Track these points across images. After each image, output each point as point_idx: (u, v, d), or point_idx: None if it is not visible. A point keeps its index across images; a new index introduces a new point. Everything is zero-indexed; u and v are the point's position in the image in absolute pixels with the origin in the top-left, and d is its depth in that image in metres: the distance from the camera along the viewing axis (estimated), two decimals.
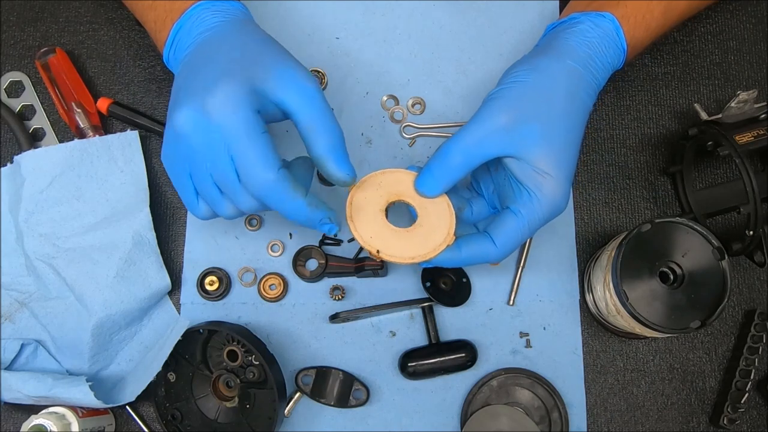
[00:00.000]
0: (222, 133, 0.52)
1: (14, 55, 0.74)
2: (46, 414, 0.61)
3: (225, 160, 0.52)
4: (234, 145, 0.52)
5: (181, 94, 0.55)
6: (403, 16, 0.75)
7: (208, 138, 0.53)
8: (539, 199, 0.56)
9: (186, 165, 0.54)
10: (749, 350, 0.68)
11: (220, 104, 0.52)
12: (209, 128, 0.52)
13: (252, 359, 0.63)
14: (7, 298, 0.67)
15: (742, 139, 0.63)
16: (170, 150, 0.55)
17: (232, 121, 0.52)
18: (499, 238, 0.57)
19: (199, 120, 0.53)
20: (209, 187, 0.54)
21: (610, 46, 0.60)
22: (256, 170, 0.52)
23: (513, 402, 0.67)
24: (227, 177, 0.53)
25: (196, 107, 0.53)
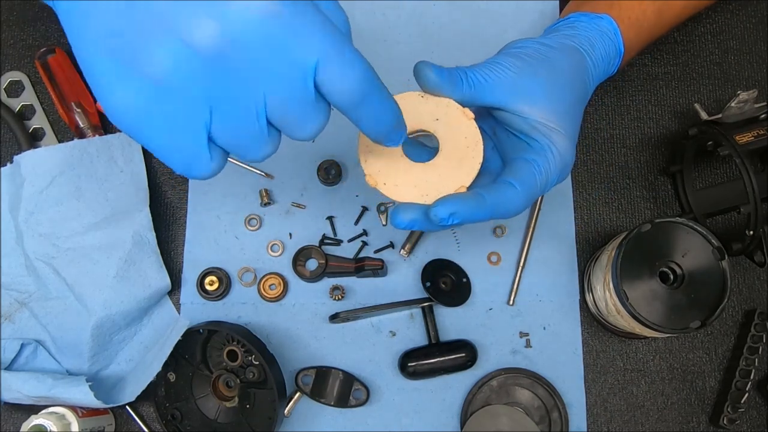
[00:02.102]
0: (290, 31, 0.37)
1: (14, 55, 0.74)
2: (46, 414, 0.60)
3: (301, 74, 0.38)
4: (321, 42, 0.38)
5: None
6: (403, 16, 0.75)
7: (272, 49, 0.37)
8: (551, 149, 0.53)
9: (199, 102, 0.38)
10: (749, 350, 0.68)
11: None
12: (275, 33, 0.36)
13: (252, 359, 0.63)
14: (7, 298, 0.67)
15: (742, 139, 0.63)
16: (157, 95, 0.37)
17: (302, 10, 0.37)
18: (518, 181, 0.52)
19: (258, 24, 0.36)
20: (249, 122, 0.39)
21: (609, 45, 0.60)
22: (352, 71, 0.39)
23: (513, 402, 0.67)
24: (299, 98, 0.39)
25: (219, 10, 0.35)
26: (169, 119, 0.38)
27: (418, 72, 0.51)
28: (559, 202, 0.72)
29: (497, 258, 0.70)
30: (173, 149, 0.39)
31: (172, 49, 0.36)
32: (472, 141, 0.52)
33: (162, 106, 0.38)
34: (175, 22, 0.36)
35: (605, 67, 0.60)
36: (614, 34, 0.60)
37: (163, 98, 0.37)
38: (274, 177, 0.72)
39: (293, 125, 0.40)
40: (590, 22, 0.60)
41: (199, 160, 0.40)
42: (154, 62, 0.36)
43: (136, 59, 0.36)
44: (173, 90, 0.37)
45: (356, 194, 0.71)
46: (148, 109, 0.38)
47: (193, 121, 0.38)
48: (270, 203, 0.71)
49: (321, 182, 0.71)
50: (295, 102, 0.39)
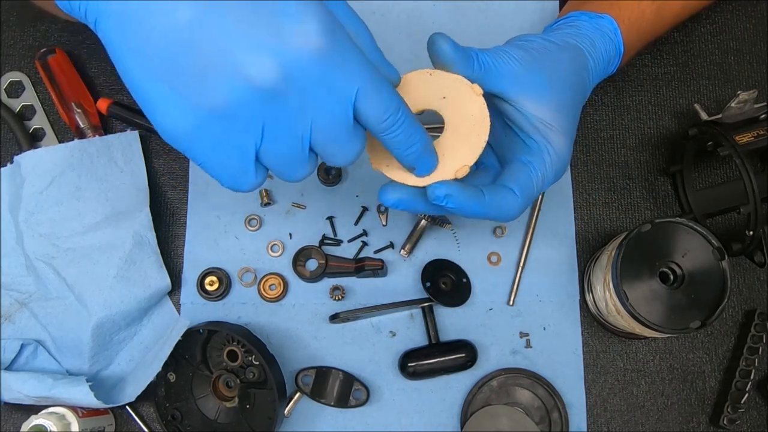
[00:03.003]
0: (335, 67, 0.41)
1: (14, 55, 0.74)
2: (46, 414, 0.60)
3: (343, 103, 0.42)
4: (361, 75, 0.42)
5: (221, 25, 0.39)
6: (403, 16, 0.75)
7: (320, 82, 0.41)
8: (548, 149, 0.54)
9: (252, 129, 0.41)
10: (749, 350, 0.68)
11: (313, 29, 0.40)
12: (324, 68, 0.40)
13: (252, 359, 0.63)
14: (7, 298, 0.67)
15: (742, 139, 0.63)
16: (214, 122, 0.40)
17: (341, 47, 0.41)
18: (518, 186, 0.53)
19: (307, 61, 0.40)
20: (293, 150, 0.43)
21: (609, 45, 0.60)
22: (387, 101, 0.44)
23: (513, 402, 0.67)
24: (341, 125, 0.43)
25: (277, 50, 0.39)
26: (223, 142, 0.41)
27: (433, 43, 0.51)
28: (559, 202, 0.72)
29: (497, 258, 0.70)
30: (223, 168, 0.43)
31: (232, 84, 0.39)
32: (479, 118, 0.51)
33: (216, 131, 0.41)
34: (235, 59, 0.39)
35: (605, 66, 0.60)
36: (614, 33, 0.60)
37: (218, 125, 0.40)
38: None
39: (333, 150, 0.44)
40: (591, 22, 0.60)
41: (246, 177, 0.44)
42: (213, 94, 0.39)
43: (194, 89, 0.39)
44: (229, 118, 0.40)
45: (356, 194, 0.71)
46: (202, 133, 0.41)
47: (244, 144, 0.42)
48: (270, 203, 0.71)
49: (321, 182, 0.71)
50: (337, 128, 0.43)
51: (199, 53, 0.39)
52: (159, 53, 0.39)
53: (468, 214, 0.52)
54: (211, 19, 0.39)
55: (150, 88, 0.40)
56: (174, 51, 0.39)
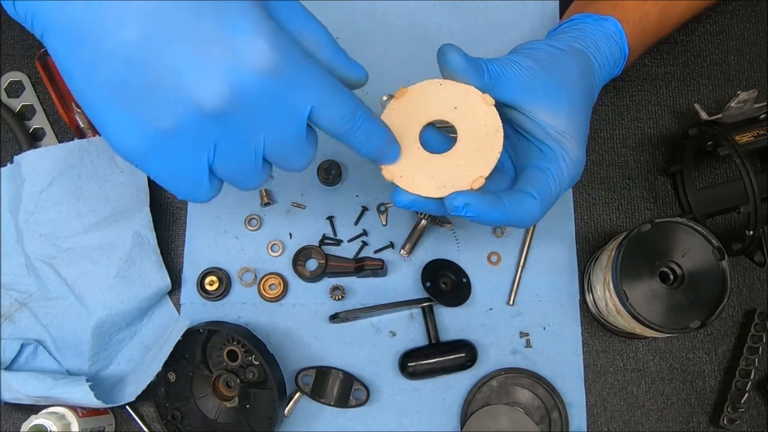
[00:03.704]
0: (288, 85, 0.40)
1: (14, 55, 0.74)
2: (46, 414, 0.60)
3: (297, 120, 0.42)
4: (318, 94, 0.42)
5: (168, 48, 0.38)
6: (403, 16, 0.75)
7: (272, 101, 0.40)
8: (563, 156, 0.53)
9: (204, 146, 0.41)
10: (749, 350, 0.68)
11: (262, 48, 0.39)
12: (275, 88, 0.40)
13: (252, 359, 0.63)
14: (7, 298, 0.67)
15: (742, 139, 0.63)
16: (165, 141, 0.40)
17: (293, 63, 0.40)
18: (536, 191, 0.52)
19: (257, 81, 0.39)
20: (248, 161, 0.43)
21: (614, 47, 0.60)
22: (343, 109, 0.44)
23: (513, 402, 0.67)
24: (294, 139, 0.43)
25: (224, 71, 0.38)
26: (175, 160, 0.41)
27: (443, 54, 0.51)
28: (559, 202, 0.71)
29: (497, 258, 0.70)
30: (177, 181, 0.43)
31: (180, 106, 0.39)
32: (492, 129, 0.51)
33: (168, 150, 0.41)
34: (182, 81, 0.38)
35: (610, 69, 0.60)
36: (619, 36, 0.60)
37: (169, 143, 0.40)
38: (274, 177, 0.72)
39: (286, 161, 0.45)
40: (595, 24, 0.60)
41: (200, 189, 0.44)
42: (162, 115, 0.39)
43: (144, 110, 0.39)
44: (180, 137, 0.40)
45: (356, 194, 0.71)
46: (154, 151, 0.41)
47: (197, 160, 0.42)
48: (270, 203, 0.71)
49: (321, 182, 0.71)
50: (290, 142, 0.43)
51: (147, 74, 0.38)
52: (107, 73, 0.38)
53: (488, 222, 0.51)
54: (157, 40, 0.38)
55: (99, 107, 0.40)
56: (122, 71, 0.38)
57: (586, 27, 0.60)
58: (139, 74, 0.38)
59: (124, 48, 0.38)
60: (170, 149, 0.41)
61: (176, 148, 0.41)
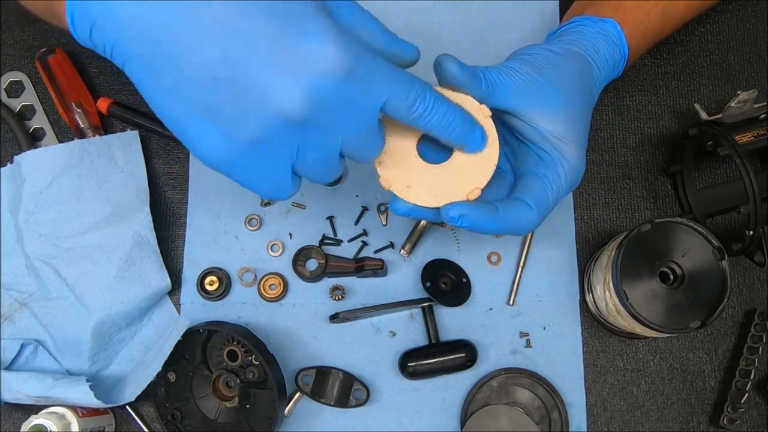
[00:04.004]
0: (362, 84, 0.42)
1: (14, 55, 0.74)
2: (46, 414, 0.61)
3: (371, 115, 0.44)
4: (389, 90, 0.44)
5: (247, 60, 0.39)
6: (403, 16, 0.75)
7: (347, 101, 0.42)
8: (562, 162, 0.54)
9: (288, 151, 0.43)
10: (749, 350, 0.68)
11: (333, 52, 0.40)
12: (349, 88, 0.42)
13: (252, 359, 0.63)
14: (7, 298, 0.67)
15: (742, 139, 0.63)
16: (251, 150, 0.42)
17: (363, 62, 0.42)
18: (532, 200, 0.53)
19: (322, 88, 0.40)
20: (328, 159, 0.45)
21: (613, 49, 0.60)
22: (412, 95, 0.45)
23: (513, 402, 0.67)
24: (369, 132, 0.45)
25: (301, 78, 0.40)
26: (261, 164, 0.43)
27: (439, 65, 0.51)
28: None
29: (497, 258, 0.70)
30: (262, 184, 0.45)
31: (263, 115, 0.41)
32: (489, 140, 0.51)
33: (254, 156, 0.43)
34: (263, 90, 0.40)
35: (610, 71, 0.60)
36: (618, 37, 0.60)
37: (255, 151, 0.42)
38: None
39: (361, 153, 0.46)
40: (594, 26, 0.59)
41: (284, 189, 0.46)
42: (247, 125, 0.41)
43: (230, 122, 0.41)
44: (265, 144, 0.42)
45: (356, 194, 0.71)
46: (241, 158, 0.43)
47: (281, 163, 0.44)
48: (270, 203, 0.71)
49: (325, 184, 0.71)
50: (365, 136, 0.45)
51: (230, 88, 0.40)
52: (190, 92, 0.40)
53: (483, 231, 0.52)
54: (236, 54, 0.39)
55: (187, 123, 0.42)
56: (205, 88, 0.40)
57: (585, 29, 0.59)
58: (222, 89, 0.40)
59: (206, 66, 0.39)
60: (256, 156, 0.43)
61: (262, 155, 0.43)
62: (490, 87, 0.52)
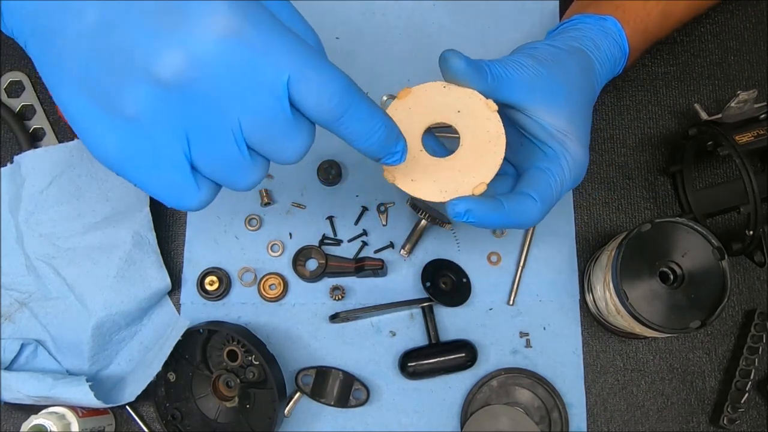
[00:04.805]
0: (255, 50, 0.36)
1: (14, 55, 0.74)
2: (46, 414, 0.61)
3: (271, 93, 0.37)
4: (291, 59, 0.37)
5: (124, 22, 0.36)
6: (402, 16, 0.75)
7: (239, 71, 0.36)
8: (565, 156, 0.54)
9: (176, 135, 0.38)
10: (749, 350, 0.68)
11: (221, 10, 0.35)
12: (240, 55, 0.36)
13: (252, 359, 0.63)
14: (7, 298, 0.67)
15: (742, 139, 0.63)
16: (133, 133, 0.37)
17: (259, 26, 0.36)
18: (536, 192, 0.53)
19: (204, 50, 0.35)
20: (228, 149, 0.39)
21: (613, 46, 0.60)
22: (329, 86, 0.38)
23: (513, 402, 0.67)
24: (274, 118, 0.38)
25: (206, 32, 0.35)
26: (150, 155, 0.38)
27: (445, 60, 0.50)
28: (559, 202, 0.71)
29: (497, 258, 0.70)
30: (160, 185, 0.40)
31: (141, 88, 0.36)
32: (494, 134, 0.50)
33: (141, 144, 0.38)
34: (141, 56, 0.35)
35: (611, 67, 0.60)
36: (618, 35, 0.60)
37: (140, 135, 0.37)
38: (274, 177, 0.72)
39: (274, 148, 0.40)
40: (594, 23, 0.60)
41: (187, 192, 0.40)
42: (126, 100, 0.36)
43: (110, 99, 0.37)
44: (148, 125, 0.37)
45: (356, 194, 0.71)
46: (128, 148, 0.38)
47: (172, 153, 0.38)
48: (270, 203, 0.71)
49: (321, 182, 0.71)
50: (271, 123, 0.38)
51: (106, 55, 0.36)
52: (75, 62, 0.37)
53: (489, 226, 0.51)
54: (117, 17, 0.36)
55: (73, 105, 0.38)
56: (85, 58, 0.37)
57: (585, 27, 0.60)
58: (99, 57, 0.36)
59: (85, 33, 0.36)
60: (143, 142, 0.38)
61: (147, 139, 0.38)
62: (496, 81, 0.52)
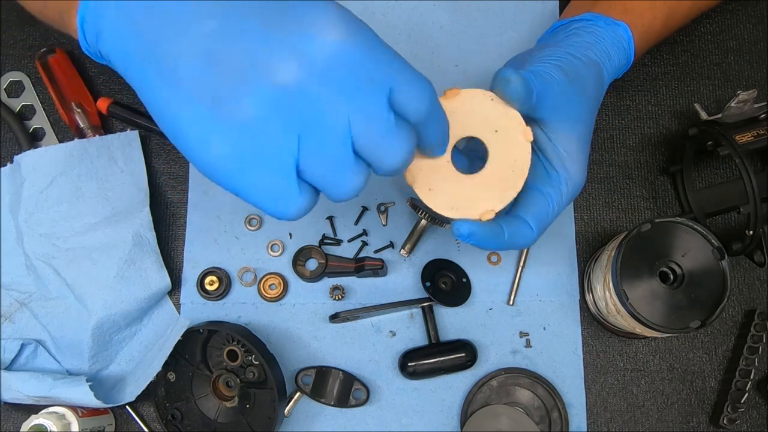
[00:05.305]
0: (366, 55, 0.39)
1: (14, 55, 0.74)
2: (46, 414, 0.61)
3: (380, 96, 0.40)
4: (395, 67, 0.40)
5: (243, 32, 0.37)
6: (403, 16, 0.75)
7: (352, 73, 0.39)
8: (567, 182, 0.54)
9: (288, 137, 0.39)
10: (749, 350, 0.68)
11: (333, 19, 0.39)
12: (353, 57, 0.39)
13: (252, 359, 0.63)
14: (7, 298, 0.67)
15: (742, 139, 0.63)
16: (247, 138, 0.39)
17: (367, 37, 0.40)
18: (534, 220, 0.54)
19: (337, 55, 0.38)
20: (336, 150, 0.40)
21: (622, 56, 0.60)
22: (424, 92, 0.42)
23: (513, 402, 0.67)
24: (380, 121, 0.40)
25: (299, 47, 0.37)
26: (259, 159, 0.39)
27: (504, 79, 0.50)
28: None
29: (497, 258, 0.70)
30: (263, 190, 0.40)
31: (259, 92, 0.37)
32: (519, 167, 0.50)
33: (251, 148, 0.39)
34: (258, 62, 0.37)
35: (614, 75, 0.60)
36: (628, 44, 0.60)
37: (252, 139, 0.38)
38: None
39: (378, 152, 0.41)
40: (607, 30, 0.59)
41: (289, 197, 0.41)
42: (243, 106, 0.37)
43: (224, 106, 0.38)
44: (263, 128, 0.38)
45: None
46: (238, 153, 0.39)
47: (281, 156, 0.39)
48: None
49: None
50: (377, 123, 0.40)
51: (223, 62, 0.38)
52: (187, 73, 0.38)
53: (487, 249, 0.55)
54: (232, 26, 0.38)
55: (185, 112, 0.39)
56: (203, 66, 0.38)
57: (599, 31, 0.59)
58: (216, 64, 0.38)
59: (201, 42, 0.37)
60: (255, 146, 0.39)
61: (259, 142, 0.39)
62: (535, 100, 0.51)
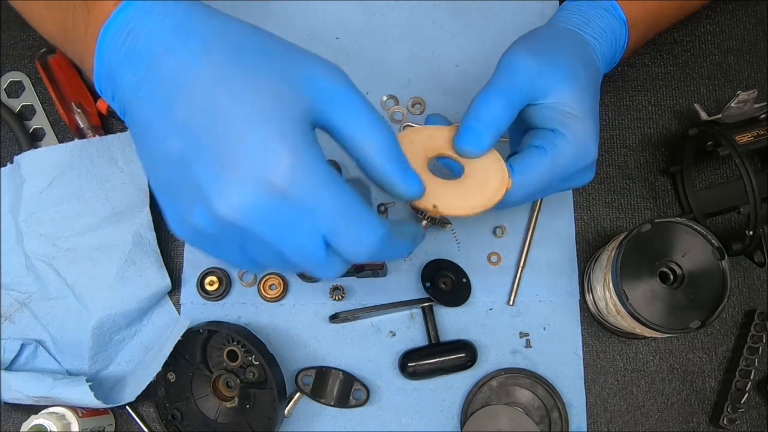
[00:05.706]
0: (308, 210, 0.41)
1: (14, 55, 0.74)
2: (46, 414, 0.61)
3: (313, 241, 0.42)
4: (330, 222, 0.42)
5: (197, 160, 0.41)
6: (403, 16, 0.75)
7: (279, 222, 0.41)
8: (564, 135, 0.52)
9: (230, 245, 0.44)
10: (749, 350, 0.68)
11: (289, 167, 0.40)
12: (285, 209, 0.40)
13: (252, 359, 0.63)
14: (7, 298, 0.67)
15: (742, 139, 0.63)
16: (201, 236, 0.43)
17: (318, 189, 0.41)
18: (522, 174, 0.52)
19: (266, 202, 0.40)
20: (273, 267, 0.46)
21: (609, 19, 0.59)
22: (365, 239, 0.43)
23: (513, 402, 0.67)
24: (312, 255, 0.43)
25: (253, 183, 0.40)
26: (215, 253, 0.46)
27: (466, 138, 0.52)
28: (559, 202, 0.72)
29: (497, 258, 0.70)
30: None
31: (204, 213, 0.41)
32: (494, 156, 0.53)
33: (207, 244, 0.45)
34: (204, 191, 0.41)
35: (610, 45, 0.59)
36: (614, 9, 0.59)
37: (205, 239, 0.44)
38: None
39: (316, 273, 0.45)
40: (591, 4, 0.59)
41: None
42: (192, 217, 0.42)
43: (182, 210, 0.43)
44: (210, 236, 0.43)
45: None
46: (197, 244, 0.45)
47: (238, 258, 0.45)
48: None
49: None
50: (308, 262, 0.43)
51: (183, 179, 0.41)
52: (159, 171, 0.43)
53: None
54: (192, 155, 0.41)
55: (158, 196, 0.45)
56: (168, 172, 0.42)
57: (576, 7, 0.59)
58: (179, 178, 0.42)
59: (169, 155, 0.42)
60: (207, 243, 0.45)
61: (210, 243, 0.44)
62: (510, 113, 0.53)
